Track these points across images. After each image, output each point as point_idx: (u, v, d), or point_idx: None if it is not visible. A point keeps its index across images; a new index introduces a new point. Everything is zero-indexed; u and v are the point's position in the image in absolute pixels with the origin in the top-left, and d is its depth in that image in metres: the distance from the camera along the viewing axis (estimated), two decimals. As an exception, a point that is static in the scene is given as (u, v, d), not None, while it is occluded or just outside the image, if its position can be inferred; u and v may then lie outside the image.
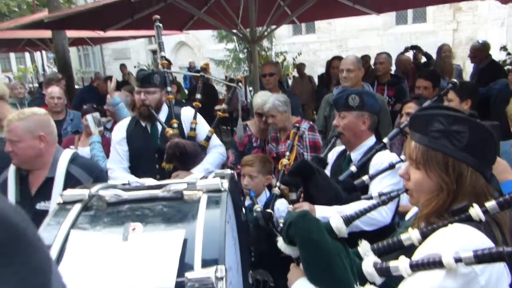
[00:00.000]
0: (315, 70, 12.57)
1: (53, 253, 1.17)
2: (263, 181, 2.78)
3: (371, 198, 1.94)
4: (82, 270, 1.10)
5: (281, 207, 2.48)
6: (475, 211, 1.13)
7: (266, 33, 7.39)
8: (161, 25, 2.97)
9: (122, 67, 12.67)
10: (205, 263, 1.10)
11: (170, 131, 2.70)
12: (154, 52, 20.35)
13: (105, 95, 7.03)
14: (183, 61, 16.98)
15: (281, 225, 2.10)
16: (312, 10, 6.78)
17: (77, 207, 1.39)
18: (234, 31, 7.28)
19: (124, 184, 1.75)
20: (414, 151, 1.27)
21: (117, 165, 2.86)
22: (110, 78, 7.90)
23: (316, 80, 8.67)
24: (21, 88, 6.60)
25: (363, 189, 2.09)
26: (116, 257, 1.14)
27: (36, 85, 16.57)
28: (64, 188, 2.17)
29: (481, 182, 1.21)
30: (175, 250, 1.13)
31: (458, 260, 1.00)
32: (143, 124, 2.91)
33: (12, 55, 26.78)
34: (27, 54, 22.67)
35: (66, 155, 2.35)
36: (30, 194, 2.27)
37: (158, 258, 1.12)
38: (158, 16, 2.99)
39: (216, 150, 2.95)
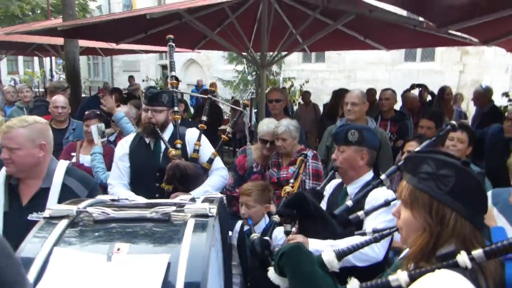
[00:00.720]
0: (322, 98, 12.67)
1: (34, 269, 1.17)
2: (261, 210, 2.79)
3: (364, 234, 1.96)
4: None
5: (279, 235, 2.49)
6: (462, 258, 1.16)
7: (276, 59, 7.51)
8: (173, 44, 3.03)
9: (131, 78, 12.82)
10: None
11: (173, 151, 2.71)
12: (163, 67, 20.63)
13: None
14: (191, 78, 17.21)
15: None
16: (323, 40, 6.90)
17: (64, 222, 1.39)
18: (245, 54, 7.40)
19: (113, 201, 1.75)
20: (404, 190, 1.32)
21: (117, 181, 2.86)
22: (116, 90, 8.00)
23: (321, 108, 8.76)
24: (28, 92, 6.30)
25: (358, 224, 2.10)
26: (98, 278, 1.14)
27: (42, 90, 16.73)
28: (60, 199, 2.14)
29: (467, 228, 1.23)
30: (158, 274, 1.14)
31: None
32: (147, 140, 2.93)
33: (20, 58, 26.75)
34: (35, 59, 22.83)
35: (62, 166, 2.30)
36: (20, 204, 2.18)
37: (141, 281, 1.12)
38: (171, 36, 3.06)
39: (218, 173, 2.96)
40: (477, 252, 1.16)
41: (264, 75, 7.81)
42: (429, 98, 7.17)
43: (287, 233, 2.06)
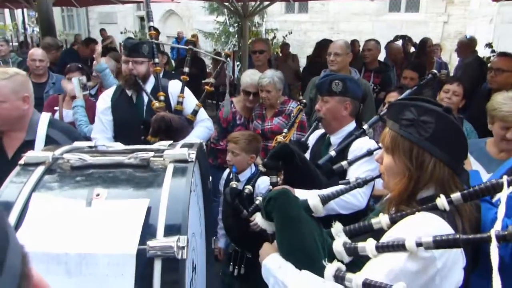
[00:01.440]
0: (305, 50, 12.49)
1: (14, 214, 1.15)
2: (246, 159, 2.81)
3: (348, 183, 1.98)
4: (43, 234, 1.09)
5: (262, 184, 2.53)
6: (441, 201, 1.20)
7: (258, 9, 7.31)
8: (150, -7, 2.90)
9: (102, 31, 12.25)
10: (168, 232, 1.11)
11: (156, 103, 2.67)
12: (142, 18, 19.85)
13: (86, 59, 6.86)
14: (171, 30, 16.65)
15: (257, 202, 2.16)
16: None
17: (40, 169, 1.36)
18: (226, 4, 7.17)
19: (90, 147, 1.73)
20: (386, 136, 1.35)
21: (101, 135, 2.83)
22: (90, 40, 7.68)
23: (304, 60, 8.65)
24: (3, 46, 5.93)
25: (341, 174, 2.13)
26: (78, 223, 1.13)
27: (16, 44, 16.00)
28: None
29: (446, 173, 1.27)
30: (138, 218, 1.14)
31: (419, 244, 1.07)
32: (129, 93, 2.87)
33: (-11, 11, 25.48)
34: (6, 11, 21.67)
35: (44, 118, 2.29)
36: (6, 157, 2.18)
37: (121, 225, 1.12)
38: (145, -15, 2.92)
39: (203, 124, 2.95)
40: (455, 195, 1.20)
41: (246, 26, 7.64)
42: (412, 49, 7.14)
43: (273, 184, 2.08)
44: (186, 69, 2.87)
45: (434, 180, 1.27)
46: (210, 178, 2.03)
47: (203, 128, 2.93)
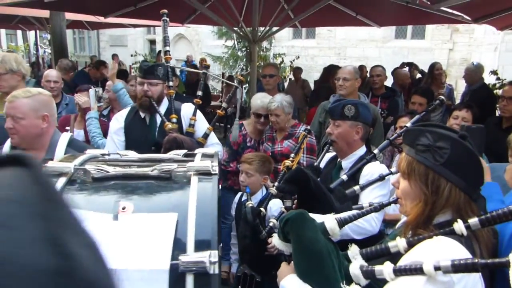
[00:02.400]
0: (312, 75, 12.66)
1: None
2: (259, 180, 2.84)
3: (362, 208, 2.01)
4: None
5: (274, 207, 2.54)
6: (459, 226, 1.21)
7: (267, 35, 7.44)
8: (168, 19, 3.00)
9: (115, 56, 12.41)
10: (198, 247, 1.11)
11: (169, 125, 2.72)
12: (151, 42, 20.25)
13: (97, 81, 6.99)
14: (180, 53, 16.95)
15: (270, 224, 2.18)
16: (314, 16, 6.85)
17: (62, 180, 1.31)
18: (236, 29, 7.32)
19: (103, 155, 1.70)
20: (402, 161, 1.39)
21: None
22: (101, 63, 7.83)
23: (312, 85, 8.76)
24: None
25: (354, 199, 2.15)
26: (106, 237, 1.11)
27: (27, 65, 16.23)
28: None
29: (461, 199, 1.29)
30: (168, 233, 1.13)
31: (437, 268, 1.08)
32: (142, 115, 2.92)
33: (2, 31, 25.84)
34: (19, 32, 22.08)
35: (64, 138, 2.35)
36: None
37: (151, 240, 1.11)
38: (166, 11, 3.02)
39: (213, 148, 2.97)
40: (473, 221, 1.22)
41: (255, 50, 7.75)
42: (418, 75, 7.22)
43: (287, 208, 2.10)
44: (199, 92, 2.94)
45: (450, 205, 1.29)
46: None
47: None
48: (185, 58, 14.16)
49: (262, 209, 2.28)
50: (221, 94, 9.84)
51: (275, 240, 1.51)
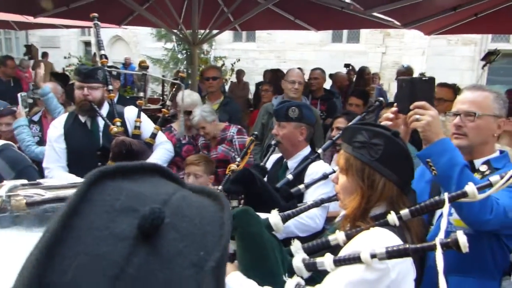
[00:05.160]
0: (253, 78, 12.78)
1: None
2: (207, 180, 2.83)
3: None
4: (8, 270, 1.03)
5: None
6: (392, 217, 1.32)
7: (207, 37, 7.42)
8: (99, 22, 2.90)
9: (45, 55, 11.66)
10: None
11: (114, 128, 2.64)
12: (86, 43, 19.42)
13: (8, 80, 6.59)
14: (118, 56, 16.36)
15: None
16: (255, 20, 6.93)
17: None
18: (175, 31, 7.22)
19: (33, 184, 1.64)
20: (341, 158, 1.47)
21: (55, 164, 2.74)
22: (6, 58, 7.37)
23: (252, 87, 8.88)
24: None
25: (299, 197, 2.21)
26: None
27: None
28: None
29: (394, 192, 1.39)
30: None
31: (373, 256, 1.16)
32: (83, 119, 2.83)
33: None
34: None
35: None
36: None
37: None
38: (96, 14, 2.89)
39: (163, 146, 2.94)
40: (404, 212, 1.34)
41: (195, 53, 7.70)
42: (355, 77, 7.55)
43: (233, 208, 2.10)
44: (141, 94, 2.88)
45: (384, 198, 1.39)
46: None
47: (163, 150, 2.92)
48: (123, 60, 13.74)
49: None
50: (161, 97, 9.66)
51: None
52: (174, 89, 3.00)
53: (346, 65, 7.20)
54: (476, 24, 6.12)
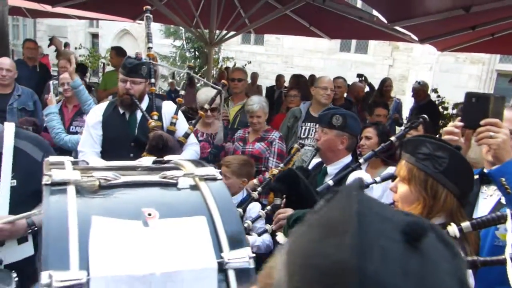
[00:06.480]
0: (259, 81, 12.84)
1: (73, 238, 1.04)
2: (238, 183, 2.85)
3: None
4: (117, 256, 1.02)
5: (253, 209, 2.58)
6: (452, 229, 1.37)
7: (224, 38, 7.47)
8: (151, 16, 2.95)
9: (54, 39, 11.44)
10: (232, 245, 1.13)
11: (152, 122, 2.67)
12: (93, 35, 19.36)
13: (35, 67, 6.53)
14: (126, 50, 16.37)
15: (245, 225, 2.23)
16: (269, 24, 6.99)
17: (72, 189, 1.22)
18: (193, 29, 7.26)
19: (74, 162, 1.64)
20: (403, 168, 1.50)
21: (90, 149, 2.77)
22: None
23: (263, 91, 8.94)
24: None
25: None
26: (146, 243, 1.08)
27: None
28: (14, 164, 2.00)
29: (454, 204, 1.44)
30: (203, 234, 1.13)
31: None
32: (121, 111, 2.87)
33: None
34: None
35: (9, 128, 2.11)
36: None
37: (189, 242, 1.10)
38: (149, 7, 2.98)
39: (192, 148, 2.99)
40: (465, 224, 1.38)
41: (212, 53, 7.75)
42: (366, 88, 7.61)
43: (276, 206, 2.16)
44: (182, 92, 2.92)
45: (445, 209, 1.43)
46: None
47: (192, 151, 2.97)
48: (134, 55, 13.72)
49: (240, 210, 2.32)
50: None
51: (280, 238, 1.56)
52: (214, 94, 3.01)
53: (359, 75, 7.25)
54: (491, 44, 6.23)
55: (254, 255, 1.13)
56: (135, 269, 1.00)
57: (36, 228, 1.97)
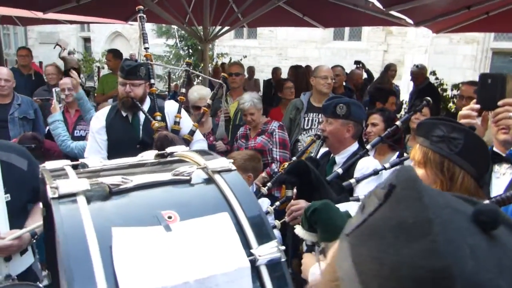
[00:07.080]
0: (255, 75, 12.79)
1: (95, 253, 0.97)
2: (244, 178, 2.84)
3: (358, 199, 2.11)
4: (145, 268, 0.97)
5: (262, 204, 2.58)
6: None
7: (219, 34, 7.42)
8: (144, 16, 2.92)
9: (60, 40, 11.35)
10: (260, 239, 1.08)
11: (156, 123, 2.67)
12: (86, 39, 19.26)
13: (29, 75, 6.49)
14: (118, 52, 16.28)
15: None
16: (262, 17, 6.94)
17: (82, 199, 1.13)
18: (187, 27, 7.22)
19: (81, 166, 1.49)
20: (418, 152, 1.49)
21: (97, 155, 2.75)
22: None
23: (261, 84, 8.91)
24: None
25: (349, 191, 2.25)
26: (173, 249, 1.02)
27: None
28: (3, 178, 1.94)
29: (472, 185, 1.42)
30: (229, 232, 1.08)
31: None
32: (124, 113, 2.86)
33: None
34: None
35: None
36: None
37: (216, 242, 1.05)
38: (142, 7, 2.94)
39: (199, 145, 2.99)
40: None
41: (207, 50, 7.70)
42: (364, 75, 7.59)
43: (289, 198, 2.16)
44: (183, 90, 2.91)
45: (463, 190, 1.41)
46: None
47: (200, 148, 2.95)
48: (128, 57, 13.65)
49: None
50: (167, 92, 9.62)
51: (299, 230, 1.54)
52: (216, 88, 3.01)
53: (357, 62, 7.24)
54: (486, 23, 6.19)
55: (284, 247, 1.10)
56: (166, 280, 0.95)
57: (38, 237, 1.98)
